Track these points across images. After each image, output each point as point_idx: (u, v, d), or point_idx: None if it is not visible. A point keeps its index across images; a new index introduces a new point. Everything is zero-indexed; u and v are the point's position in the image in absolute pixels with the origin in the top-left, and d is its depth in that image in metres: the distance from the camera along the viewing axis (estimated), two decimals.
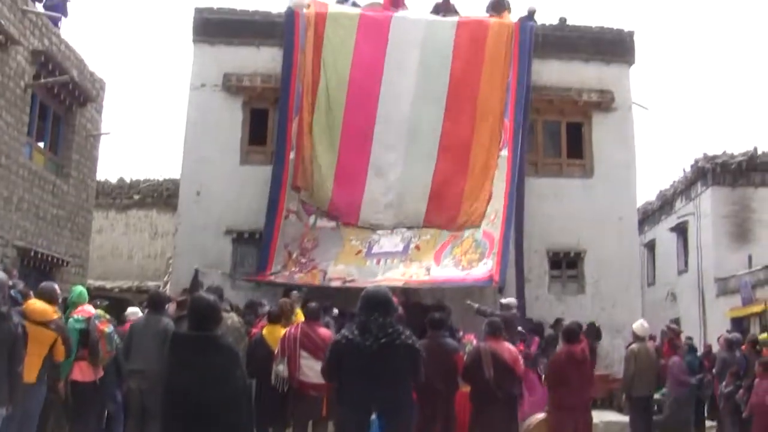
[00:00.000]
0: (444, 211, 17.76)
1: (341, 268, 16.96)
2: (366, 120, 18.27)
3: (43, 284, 9.41)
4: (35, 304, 8.78)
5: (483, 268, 15.96)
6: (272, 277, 17.08)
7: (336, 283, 16.63)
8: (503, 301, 14.09)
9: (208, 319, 5.82)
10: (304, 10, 18.80)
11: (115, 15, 66.62)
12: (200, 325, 5.79)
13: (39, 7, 17.20)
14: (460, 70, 18.37)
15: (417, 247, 17.23)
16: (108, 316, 10.66)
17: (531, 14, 19.48)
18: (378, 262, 17.10)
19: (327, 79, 18.43)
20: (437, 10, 19.66)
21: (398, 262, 16.93)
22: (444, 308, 13.46)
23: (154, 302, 10.18)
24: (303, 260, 17.39)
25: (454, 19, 19.07)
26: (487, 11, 19.59)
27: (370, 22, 18.92)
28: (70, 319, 10.07)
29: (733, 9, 67.47)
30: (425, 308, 13.93)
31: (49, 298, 9.05)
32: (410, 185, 17.98)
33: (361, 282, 16.15)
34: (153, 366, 8.99)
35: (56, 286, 9.49)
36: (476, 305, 14.37)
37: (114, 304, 15.35)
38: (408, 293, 16.16)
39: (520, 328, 13.31)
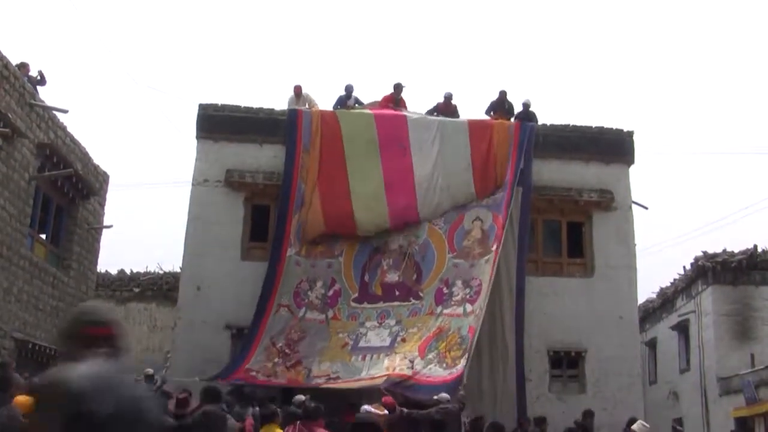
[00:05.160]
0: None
1: (326, 366, 16.80)
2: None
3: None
4: (19, 398, 8.73)
5: (461, 364, 15.78)
6: (254, 374, 16.77)
7: (320, 381, 16.45)
8: (435, 397, 13.67)
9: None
10: (307, 107, 19.06)
11: (121, 110, 67.57)
12: None
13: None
14: (481, 168, 18.74)
15: (403, 340, 17.03)
16: None
17: (526, 107, 19.71)
18: (363, 358, 16.87)
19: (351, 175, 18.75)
20: (436, 111, 19.82)
21: (383, 357, 16.69)
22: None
23: (212, 395, 9.94)
24: (288, 351, 17.19)
25: (464, 120, 19.36)
26: (487, 113, 19.85)
27: (385, 120, 19.14)
28: None
29: (731, 105, 68.42)
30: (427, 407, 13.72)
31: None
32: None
33: (344, 380, 16.17)
34: None
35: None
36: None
37: None
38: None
39: None
